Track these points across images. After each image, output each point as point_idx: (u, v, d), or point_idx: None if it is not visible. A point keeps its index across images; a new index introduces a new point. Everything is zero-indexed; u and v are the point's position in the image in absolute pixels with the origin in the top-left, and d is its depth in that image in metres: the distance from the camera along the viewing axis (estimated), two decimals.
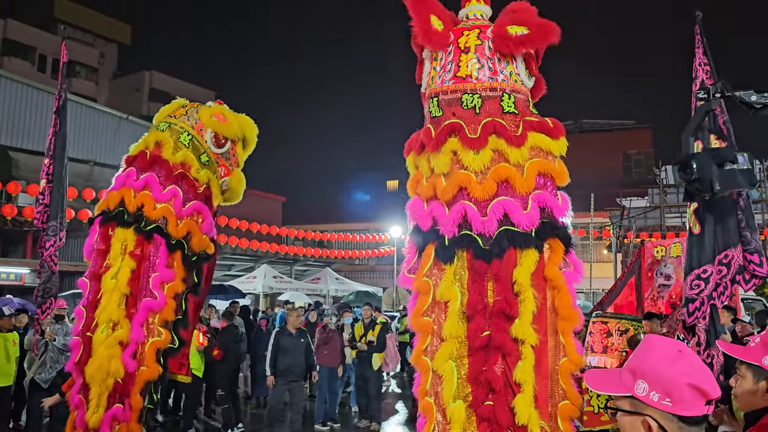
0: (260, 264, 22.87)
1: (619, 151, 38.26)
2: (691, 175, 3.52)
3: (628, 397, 1.41)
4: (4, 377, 7.41)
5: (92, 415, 4.07)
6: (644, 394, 1.38)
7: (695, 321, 4.23)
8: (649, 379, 1.38)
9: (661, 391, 1.36)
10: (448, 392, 2.87)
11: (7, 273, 17.31)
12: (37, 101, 21.80)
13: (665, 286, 9.60)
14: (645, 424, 1.38)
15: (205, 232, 4.43)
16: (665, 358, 1.40)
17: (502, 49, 3.07)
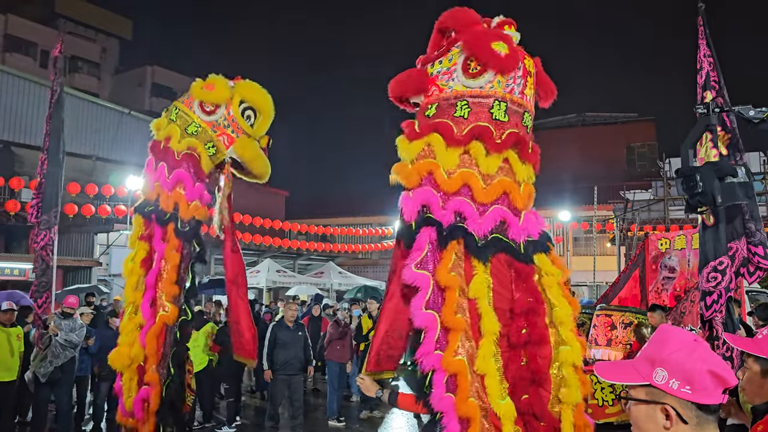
0: (263, 258, 22.88)
1: (622, 143, 38.15)
2: (695, 189, 3.56)
3: (645, 386, 1.40)
4: (7, 372, 7.41)
5: (127, 399, 4.34)
6: (663, 382, 1.37)
7: (713, 314, 4.21)
8: (669, 367, 1.37)
9: (681, 379, 1.35)
10: (495, 390, 2.85)
11: (11, 268, 17.33)
12: (39, 96, 21.77)
13: (669, 278, 9.58)
14: (664, 412, 1.37)
15: (192, 198, 4.48)
16: (684, 346, 1.40)
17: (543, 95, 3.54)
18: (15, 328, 7.66)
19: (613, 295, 10.24)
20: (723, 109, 3.73)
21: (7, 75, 21.67)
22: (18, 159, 20.48)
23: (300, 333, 8.07)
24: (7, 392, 7.52)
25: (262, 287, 20.53)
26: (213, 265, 22.07)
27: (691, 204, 3.86)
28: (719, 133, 4.10)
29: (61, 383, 7.30)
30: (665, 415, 1.36)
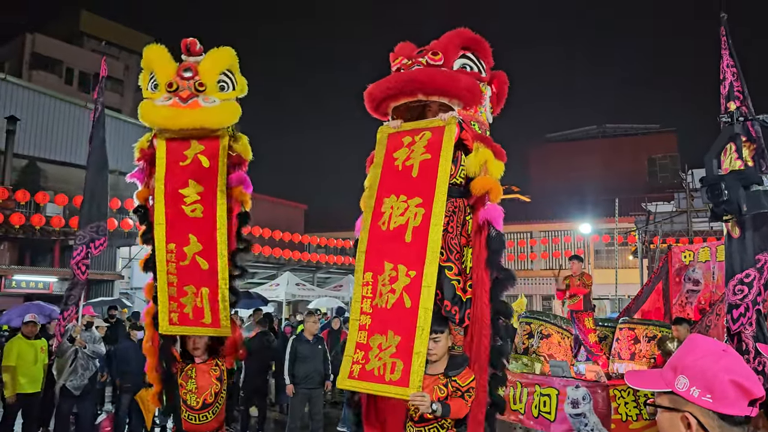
0: (283, 272, 22.94)
1: (643, 155, 37.76)
2: (720, 197, 3.52)
3: (668, 393, 1.40)
4: (32, 383, 7.53)
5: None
6: (684, 389, 1.36)
7: (741, 328, 4.12)
8: (690, 375, 1.36)
9: (702, 387, 1.34)
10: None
11: (36, 281, 17.61)
12: (64, 113, 22.22)
13: (694, 291, 9.42)
14: (684, 421, 1.36)
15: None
16: (709, 355, 1.38)
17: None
18: (39, 340, 7.78)
19: (635, 308, 10.09)
20: (747, 119, 3.67)
21: (34, 92, 22.14)
22: (43, 174, 20.88)
23: (319, 346, 8.07)
24: (32, 403, 7.64)
25: (282, 300, 20.57)
26: None
27: (717, 213, 3.81)
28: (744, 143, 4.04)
29: (87, 396, 7.38)
30: (686, 424, 1.35)
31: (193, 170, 4.55)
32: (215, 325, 4.40)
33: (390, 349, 3.20)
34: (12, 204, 16.99)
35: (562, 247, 26.84)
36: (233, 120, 4.59)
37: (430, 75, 3.43)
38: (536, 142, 42.66)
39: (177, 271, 4.43)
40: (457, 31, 3.62)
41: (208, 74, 4.51)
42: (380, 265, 3.39)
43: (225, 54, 4.67)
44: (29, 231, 17.57)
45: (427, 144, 3.48)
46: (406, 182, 3.48)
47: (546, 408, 6.90)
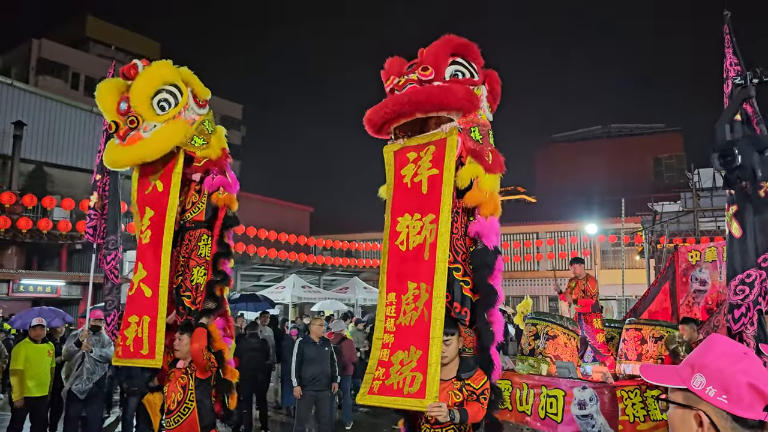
0: (289, 274, 22.98)
1: (649, 155, 37.66)
2: (733, 163, 3.46)
3: (683, 390, 1.39)
4: (40, 387, 7.56)
5: None
6: (700, 387, 1.35)
7: (742, 328, 4.11)
8: (707, 374, 1.35)
9: (718, 387, 1.33)
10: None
11: (43, 285, 17.70)
12: (70, 118, 22.35)
13: (701, 291, 9.38)
14: (697, 418, 1.35)
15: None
16: (728, 355, 1.38)
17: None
18: (46, 344, 7.81)
19: (642, 308, 10.06)
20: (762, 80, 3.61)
21: (40, 97, 22.27)
22: (50, 179, 20.99)
23: (326, 348, 8.07)
24: (40, 407, 7.66)
25: (288, 303, 20.61)
26: (239, 281, 22.24)
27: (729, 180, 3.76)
28: None
29: (94, 399, 7.40)
30: (698, 422, 1.35)
31: (151, 196, 4.49)
32: (151, 356, 4.28)
33: (411, 364, 3.25)
34: (19, 208, 17.09)
35: (568, 247, 26.77)
36: (177, 140, 4.38)
37: (426, 93, 3.42)
38: (542, 143, 42.63)
39: (127, 302, 4.42)
40: (444, 40, 3.61)
41: (140, 102, 4.35)
42: (403, 284, 3.44)
43: (155, 72, 4.48)
44: (36, 235, 17.67)
45: (432, 158, 3.51)
46: (417, 200, 3.51)
47: (553, 409, 6.88)
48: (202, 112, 4.64)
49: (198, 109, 4.60)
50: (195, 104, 4.57)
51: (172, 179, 4.43)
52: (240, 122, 43.76)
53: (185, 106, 4.49)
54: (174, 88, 4.47)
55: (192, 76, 4.63)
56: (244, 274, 22.88)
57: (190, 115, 4.53)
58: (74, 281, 18.02)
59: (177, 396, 4.33)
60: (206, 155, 4.59)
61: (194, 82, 4.61)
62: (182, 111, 4.47)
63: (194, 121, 4.54)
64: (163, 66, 4.56)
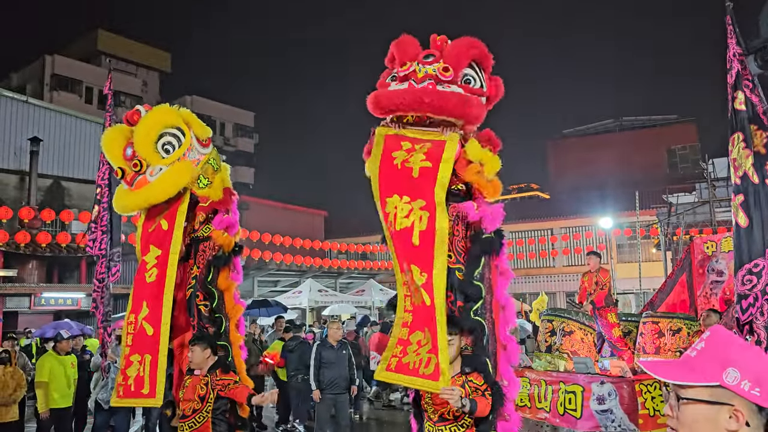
0: (305, 279, 23.09)
1: (663, 146, 37.30)
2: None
3: (709, 386, 1.34)
4: (64, 399, 7.69)
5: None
6: (735, 383, 1.31)
7: (751, 318, 4.09)
8: (741, 368, 1.32)
9: (752, 380, 1.31)
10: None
11: (64, 298, 17.95)
12: (85, 132, 22.66)
13: (718, 282, 9.31)
14: (732, 414, 1.32)
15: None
16: (749, 348, 1.38)
17: None
18: (69, 356, 7.95)
19: (659, 301, 10.00)
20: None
21: (55, 112, 22.61)
22: (68, 192, 21.29)
23: (344, 352, 8.11)
24: (64, 418, 7.80)
25: (305, 307, 20.71)
26: (256, 287, 22.38)
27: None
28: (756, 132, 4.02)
29: (120, 409, 7.50)
30: (733, 417, 1.31)
31: (156, 235, 4.54)
32: (151, 395, 4.29)
33: (427, 345, 3.28)
34: (38, 223, 17.36)
35: (584, 242, 26.61)
36: (183, 181, 4.44)
37: (448, 101, 3.43)
38: (553, 139, 42.40)
39: (131, 342, 4.44)
40: (468, 43, 3.61)
41: (143, 146, 4.42)
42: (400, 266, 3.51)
43: (157, 116, 4.54)
44: (56, 249, 17.94)
45: (427, 153, 3.51)
46: (407, 182, 3.51)
47: (572, 405, 6.87)
48: (206, 152, 4.69)
49: (201, 148, 4.65)
50: (198, 144, 4.63)
51: (176, 218, 4.48)
52: (252, 130, 44.01)
53: (189, 147, 4.55)
54: (177, 130, 4.53)
55: (192, 117, 4.68)
56: (260, 280, 23.03)
57: (194, 155, 4.58)
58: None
59: (194, 405, 4.41)
60: (207, 195, 4.66)
61: (194, 122, 4.66)
62: (186, 152, 4.53)
63: (199, 161, 4.59)
64: (163, 110, 4.61)
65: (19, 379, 7.65)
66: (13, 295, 16.84)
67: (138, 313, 4.42)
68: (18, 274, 17.29)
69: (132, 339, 4.41)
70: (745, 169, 4.11)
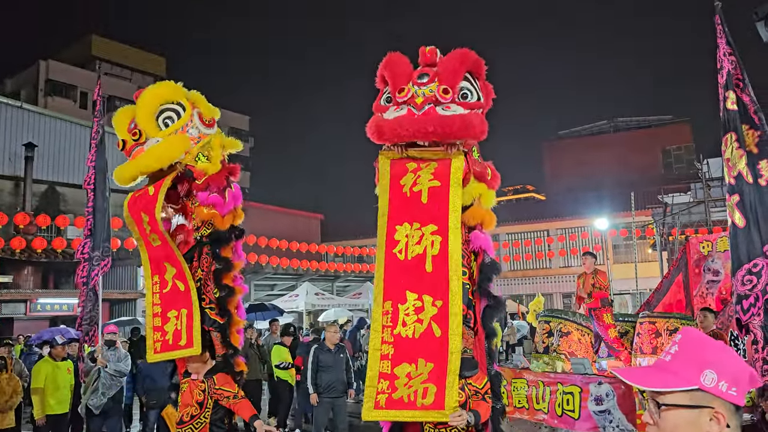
0: (302, 282, 23.07)
1: (657, 147, 37.45)
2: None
3: (690, 390, 1.32)
4: (60, 405, 7.67)
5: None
6: (713, 384, 1.30)
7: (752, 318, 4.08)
8: (718, 369, 1.31)
9: (729, 380, 1.30)
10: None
11: (60, 304, 17.89)
12: (80, 137, 22.62)
13: (714, 281, 9.34)
14: (713, 416, 1.31)
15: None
16: (723, 348, 1.37)
17: None
18: (65, 361, 7.92)
19: (656, 301, 10.02)
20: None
21: (50, 118, 22.57)
22: (63, 198, 21.24)
23: (341, 355, 8.11)
24: (60, 423, 7.77)
25: (302, 311, 20.69)
26: (253, 290, 22.34)
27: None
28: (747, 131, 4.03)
29: (112, 413, 7.48)
30: (714, 419, 1.30)
31: (143, 200, 4.55)
32: (189, 345, 4.36)
33: (422, 376, 3.19)
34: (34, 229, 17.30)
35: (580, 243, 26.67)
36: (177, 153, 4.46)
37: (449, 126, 3.40)
38: (549, 140, 42.51)
39: (161, 300, 4.50)
40: (461, 56, 3.56)
41: (143, 118, 4.49)
42: (401, 294, 3.37)
43: (158, 90, 4.60)
44: (51, 254, 17.88)
45: (434, 172, 3.48)
46: (417, 209, 3.46)
47: (569, 406, 6.88)
48: (209, 132, 4.70)
49: (204, 128, 4.66)
50: (201, 123, 4.64)
51: (162, 183, 4.49)
52: (248, 134, 44.00)
53: (189, 122, 4.56)
54: (178, 105, 4.57)
55: (199, 97, 4.72)
56: (257, 284, 22.99)
57: (195, 132, 4.59)
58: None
59: (192, 410, 4.41)
60: (204, 169, 4.62)
61: (201, 102, 4.70)
62: (186, 126, 4.55)
63: (199, 139, 4.61)
64: (166, 85, 4.67)
65: (15, 385, 7.63)
66: (9, 301, 16.78)
67: (164, 273, 4.51)
68: (13, 280, 17.22)
69: (161, 297, 4.50)
70: (740, 169, 4.12)
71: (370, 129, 3.54)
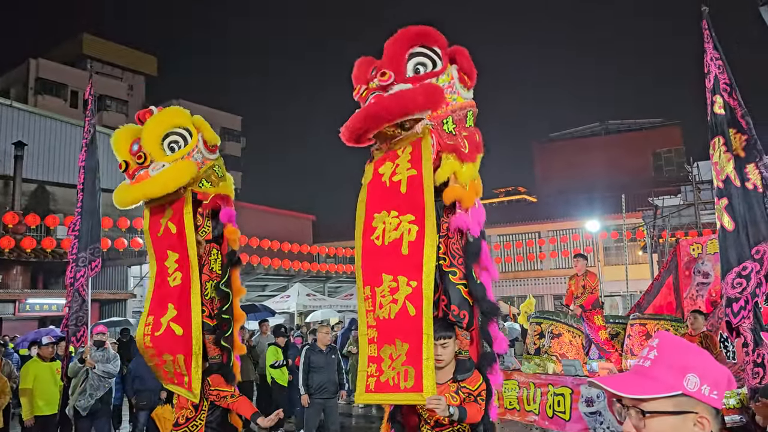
0: (293, 283, 23.02)
1: (648, 150, 37.71)
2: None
3: (673, 396, 1.30)
4: (49, 405, 7.60)
5: None
6: (695, 389, 1.29)
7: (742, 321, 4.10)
8: (700, 373, 1.30)
9: (711, 384, 1.29)
10: None
11: (49, 304, 17.75)
12: (70, 136, 22.48)
13: (704, 284, 9.40)
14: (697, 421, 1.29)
15: None
16: (701, 352, 1.35)
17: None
18: (54, 362, 7.86)
19: (646, 303, 10.08)
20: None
21: (40, 116, 22.42)
22: (53, 197, 21.10)
23: (333, 356, 8.09)
24: (49, 424, 7.71)
25: (293, 312, 20.64)
26: None
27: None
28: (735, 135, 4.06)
29: (100, 415, 7.43)
30: (696, 424, 1.29)
31: (168, 239, 4.56)
32: (189, 389, 4.37)
33: (401, 358, 3.21)
34: (23, 228, 17.17)
35: (571, 245, 26.77)
36: (184, 179, 4.45)
37: (384, 106, 3.31)
38: (540, 142, 42.68)
39: (152, 343, 4.47)
40: (398, 36, 3.47)
41: (150, 141, 4.46)
42: (378, 277, 3.39)
43: (167, 115, 4.61)
44: (41, 254, 17.75)
45: (410, 158, 3.43)
46: (396, 198, 3.44)
47: (560, 407, 6.90)
48: (212, 157, 4.72)
49: (207, 153, 4.68)
50: (205, 149, 4.66)
51: (184, 220, 4.50)
52: (240, 134, 43.90)
53: (195, 148, 4.58)
54: (185, 131, 4.58)
55: (203, 122, 4.72)
56: (249, 284, 22.91)
57: (199, 158, 4.60)
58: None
59: (187, 413, 4.41)
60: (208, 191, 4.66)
61: (205, 128, 4.70)
62: (191, 152, 4.55)
63: (203, 165, 4.62)
64: (175, 111, 4.69)
65: (2, 385, 7.56)
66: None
67: (161, 316, 4.46)
68: (2, 280, 17.09)
69: (153, 339, 4.46)
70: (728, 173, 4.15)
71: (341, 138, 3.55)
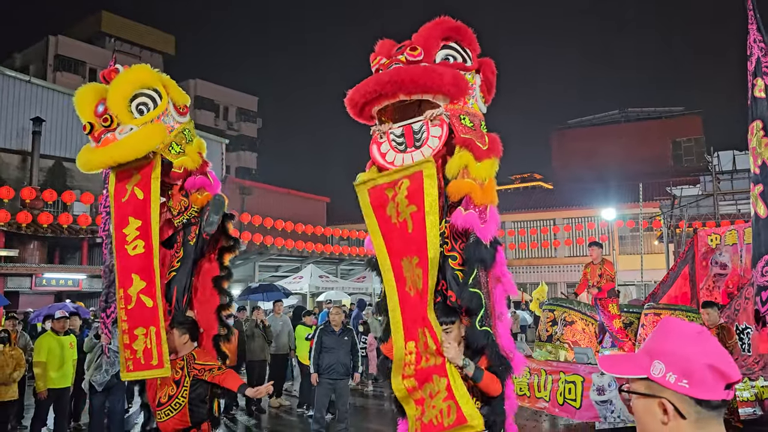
0: (306, 264, 23.10)
1: (668, 138, 37.20)
2: None
3: (643, 379, 1.35)
4: (63, 378, 7.70)
5: None
6: (660, 375, 1.31)
7: None
8: (666, 360, 1.31)
9: (678, 372, 1.29)
10: None
11: (65, 279, 17.97)
12: None
13: (721, 275, 9.27)
14: (661, 407, 1.31)
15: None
16: (684, 338, 1.34)
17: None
18: (68, 336, 7.95)
19: (662, 293, 9.98)
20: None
21: (58, 93, 22.54)
22: (69, 173, 21.26)
23: (346, 338, 8.08)
24: (63, 398, 7.82)
25: (306, 293, 20.74)
26: (258, 271, 22.41)
27: None
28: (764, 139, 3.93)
29: (115, 390, 7.50)
30: (662, 410, 1.31)
31: (132, 205, 4.35)
32: (160, 366, 4.20)
33: (441, 394, 3.14)
34: (40, 204, 17.34)
35: (586, 233, 26.59)
36: (153, 143, 4.25)
37: (409, 73, 3.21)
38: (558, 129, 42.26)
39: (127, 317, 4.29)
40: (437, 22, 3.41)
41: (116, 102, 4.24)
42: (416, 332, 3.27)
43: (134, 74, 4.38)
44: (57, 230, 17.93)
45: (408, 194, 3.25)
46: (408, 241, 3.29)
47: (571, 395, 6.86)
48: (182, 120, 4.56)
49: (178, 116, 4.52)
50: (175, 111, 4.51)
51: (151, 186, 4.31)
52: (256, 114, 43.91)
53: (164, 111, 4.41)
54: (153, 92, 4.39)
55: (171, 82, 4.54)
56: (262, 265, 23.05)
57: (169, 121, 4.45)
58: (96, 274, 18.28)
59: (169, 390, 4.28)
60: (182, 163, 4.48)
61: (172, 87, 4.52)
62: (161, 116, 4.38)
63: (173, 129, 4.46)
64: (142, 69, 4.46)
65: (18, 358, 7.66)
66: (14, 275, 16.86)
67: (128, 287, 4.28)
68: (19, 255, 17.30)
69: (127, 313, 4.29)
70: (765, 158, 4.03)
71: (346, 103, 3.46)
